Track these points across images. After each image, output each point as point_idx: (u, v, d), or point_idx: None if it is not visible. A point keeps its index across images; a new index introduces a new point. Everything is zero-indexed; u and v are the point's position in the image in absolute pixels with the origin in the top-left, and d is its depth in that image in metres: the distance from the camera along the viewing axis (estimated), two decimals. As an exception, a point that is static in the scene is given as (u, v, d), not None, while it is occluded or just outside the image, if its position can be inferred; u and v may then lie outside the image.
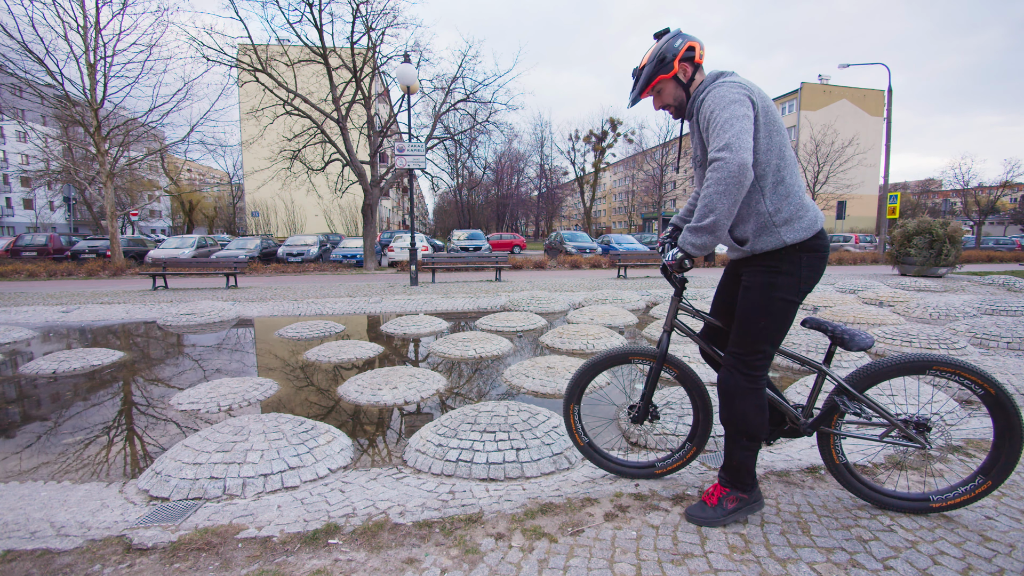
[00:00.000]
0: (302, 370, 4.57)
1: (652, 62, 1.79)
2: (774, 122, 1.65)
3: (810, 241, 1.69)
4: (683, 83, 1.80)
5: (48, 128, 27.44)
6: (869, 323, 5.96)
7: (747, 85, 1.65)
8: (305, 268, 16.62)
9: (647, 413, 2.14)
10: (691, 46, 1.75)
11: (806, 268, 1.70)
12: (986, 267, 16.88)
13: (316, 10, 14.13)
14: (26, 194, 46.26)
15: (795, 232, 1.67)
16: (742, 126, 1.55)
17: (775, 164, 1.66)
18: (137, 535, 1.84)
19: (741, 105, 1.58)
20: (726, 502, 1.83)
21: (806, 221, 1.68)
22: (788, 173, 1.68)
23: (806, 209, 1.69)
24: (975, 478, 1.80)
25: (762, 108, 1.64)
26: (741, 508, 1.82)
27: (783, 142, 1.67)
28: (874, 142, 40.39)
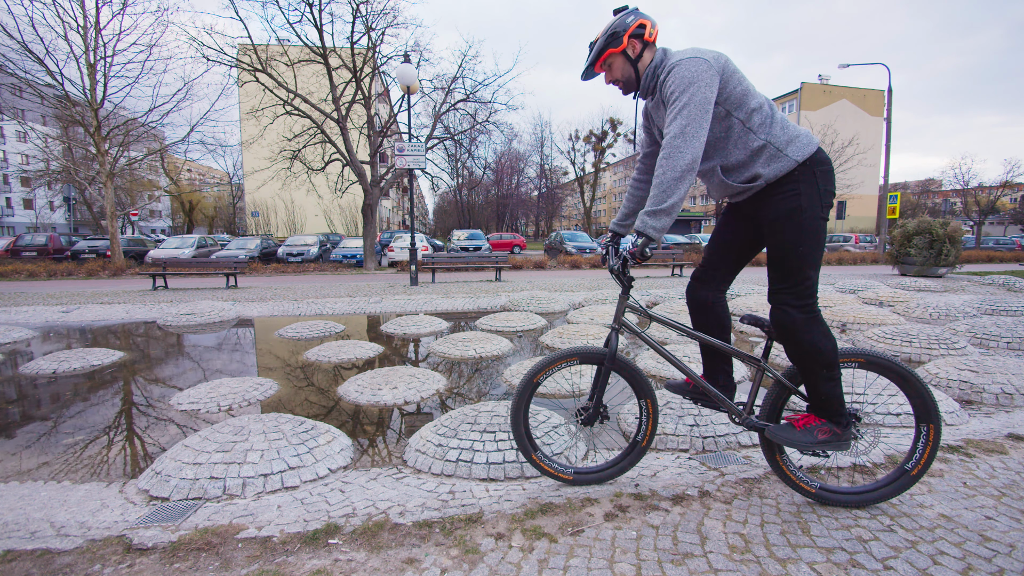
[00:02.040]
0: (302, 370, 4.57)
1: (604, 36, 1.85)
2: (742, 75, 1.76)
3: (817, 155, 1.74)
4: (631, 59, 1.85)
5: (48, 128, 27.42)
6: (869, 323, 5.96)
7: (708, 58, 1.70)
8: (305, 268, 16.62)
9: (598, 415, 2.10)
10: (642, 23, 1.80)
11: (822, 181, 1.74)
12: (986, 267, 16.87)
13: (316, 10, 14.13)
14: (26, 194, 46.25)
15: (801, 149, 1.73)
16: (700, 114, 1.65)
17: (755, 103, 1.75)
18: (137, 535, 1.84)
19: (700, 87, 1.66)
20: (818, 431, 1.78)
21: (804, 139, 1.75)
22: (769, 107, 1.77)
23: (798, 129, 1.77)
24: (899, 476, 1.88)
25: (726, 66, 1.72)
26: (832, 441, 1.77)
27: (749, 86, 1.76)
28: (874, 142, 40.38)
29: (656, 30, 1.83)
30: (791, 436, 1.80)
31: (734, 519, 1.85)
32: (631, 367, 2.07)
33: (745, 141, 1.76)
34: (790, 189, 1.74)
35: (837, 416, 1.79)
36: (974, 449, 2.43)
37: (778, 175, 1.74)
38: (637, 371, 2.08)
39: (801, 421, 1.83)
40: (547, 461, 2.14)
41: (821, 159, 1.75)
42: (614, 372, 2.06)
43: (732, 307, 7.58)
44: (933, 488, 2.06)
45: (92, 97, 14.58)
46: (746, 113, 1.74)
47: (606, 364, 2.04)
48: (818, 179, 1.73)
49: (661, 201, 1.70)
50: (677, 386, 2.14)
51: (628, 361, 2.08)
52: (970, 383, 3.49)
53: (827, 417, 1.80)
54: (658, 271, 15.53)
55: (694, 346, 4.72)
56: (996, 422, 2.92)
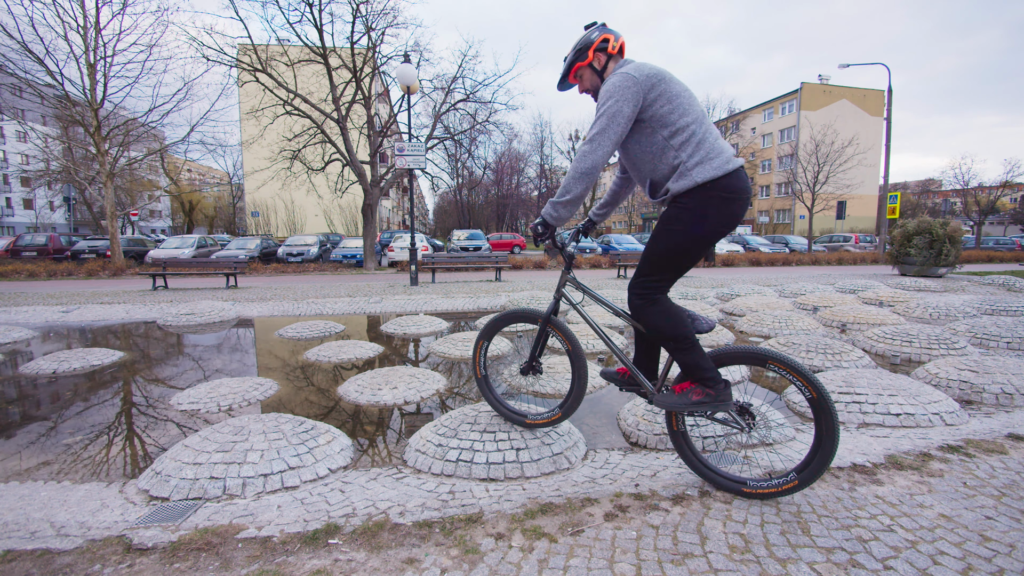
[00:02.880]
0: (302, 370, 4.57)
1: (573, 51, 2.03)
2: (675, 93, 1.83)
3: (722, 180, 1.80)
4: (598, 71, 2.02)
5: (48, 128, 27.43)
6: (869, 323, 5.96)
7: (636, 73, 1.82)
8: (305, 268, 16.62)
9: (531, 368, 2.53)
10: (605, 38, 1.97)
11: (714, 208, 1.82)
12: (986, 267, 16.87)
13: (316, 10, 14.14)
14: (26, 194, 46.25)
15: (706, 171, 1.80)
16: (609, 125, 1.80)
17: (682, 123, 1.82)
18: (137, 535, 1.84)
19: (619, 99, 1.79)
20: (691, 393, 1.95)
21: (717, 162, 1.80)
22: (697, 126, 1.83)
23: (718, 152, 1.82)
24: (788, 474, 1.92)
25: (659, 91, 1.82)
26: (706, 402, 1.92)
27: (685, 104, 1.84)
28: (874, 142, 40.39)
29: (620, 43, 1.98)
30: (670, 400, 2.01)
31: (734, 519, 1.85)
32: (567, 333, 2.40)
33: (667, 158, 1.86)
34: (681, 203, 1.85)
35: (707, 381, 1.92)
36: (974, 449, 2.43)
37: (680, 191, 1.84)
38: (573, 340, 2.38)
39: (679, 387, 2.01)
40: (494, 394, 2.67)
41: (725, 185, 1.80)
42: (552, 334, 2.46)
43: (731, 307, 7.59)
44: (933, 488, 2.06)
45: (92, 97, 14.58)
46: (670, 132, 1.83)
47: (542, 324, 2.44)
48: (711, 204, 1.81)
49: (562, 195, 1.91)
50: (610, 374, 2.32)
51: (564, 326, 2.42)
52: (970, 383, 3.49)
53: (698, 381, 1.94)
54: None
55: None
56: (996, 422, 2.93)
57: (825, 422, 1.80)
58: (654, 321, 1.96)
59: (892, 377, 3.42)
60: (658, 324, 1.95)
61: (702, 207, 1.81)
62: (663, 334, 1.95)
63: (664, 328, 1.94)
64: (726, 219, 1.83)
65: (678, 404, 1.97)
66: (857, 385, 3.28)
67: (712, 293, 9.26)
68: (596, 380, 3.88)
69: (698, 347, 1.94)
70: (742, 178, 1.84)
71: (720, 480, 2.03)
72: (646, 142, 1.88)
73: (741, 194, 1.82)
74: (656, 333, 1.98)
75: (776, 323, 6.00)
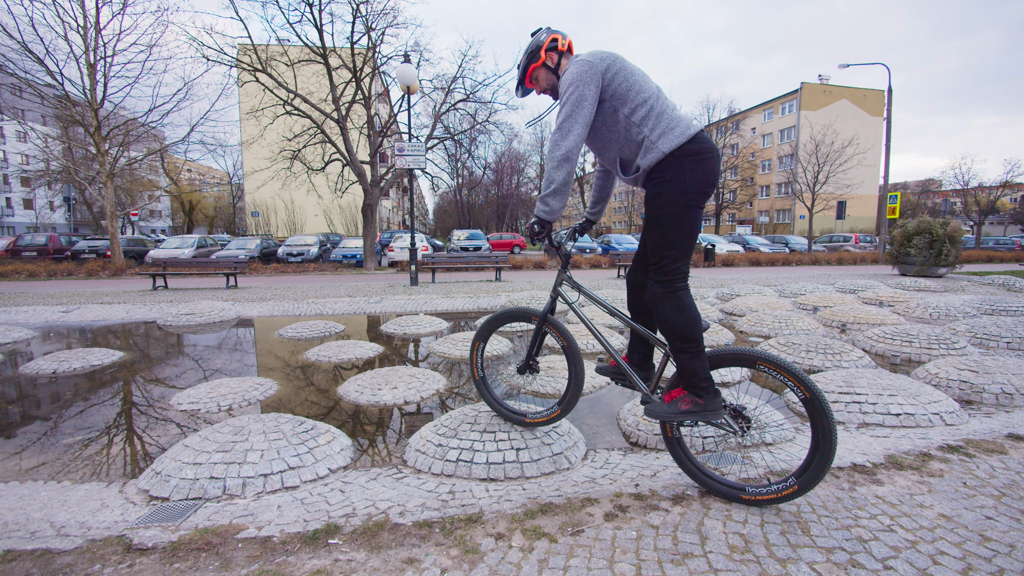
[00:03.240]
0: (302, 370, 4.57)
1: (525, 54, 2.11)
2: (630, 71, 1.91)
3: (687, 145, 1.84)
4: (552, 69, 2.09)
5: (48, 128, 27.42)
6: (869, 323, 5.96)
7: (591, 58, 1.89)
8: (305, 268, 16.62)
9: (528, 367, 2.55)
10: (554, 38, 2.06)
11: (689, 170, 1.84)
12: (986, 267, 16.87)
13: (316, 10, 14.13)
14: (26, 194, 46.24)
15: (670, 141, 1.84)
16: (575, 110, 1.85)
17: (640, 99, 1.89)
18: (137, 535, 1.84)
19: (579, 84, 1.85)
20: (680, 403, 1.93)
21: (678, 130, 1.85)
22: (655, 101, 1.89)
23: (678, 121, 1.87)
24: (788, 479, 1.86)
25: (615, 70, 1.89)
26: (695, 411, 1.90)
27: (641, 81, 1.91)
28: (874, 142, 40.39)
29: (568, 41, 2.08)
30: (659, 409, 1.97)
31: (734, 519, 1.85)
32: (563, 331, 2.40)
33: (631, 135, 1.91)
34: (657, 177, 1.89)
35: (700, 389, 1.89)
36: (974, 449, 2.43)
37: (651, 166, 1.88)
38: (569, 338, 2.38)
39: (669, 395, 1.99)
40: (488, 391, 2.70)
41: (691, 150, 1.84)
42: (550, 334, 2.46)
43: (731, 307, 7.59)
44: (933, 488, 2.06)
45: (92, 97, 14.58)
46: (630, 108, 1.88)
47: (538, 323, 2.45)
48: (684, 168, 1.84)
49: (547, 187, 1.93)
50: (604, 368, 2.34)
51: (560, 324, 2.42)
52: (970, 383, 3.49)
53: (690, 389, 1.92)
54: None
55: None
56: (996, 422, 2.93)
57: (821, 423, 1.76)
58: (670, 315, 1.89)
59: (892, 377, 3.42)
60: (675, 319, 1.88)
61: (677, 173, 1.84)
62: (676, 331, 1.88)
63: (681, 325, 1.88)
64: (703, 177, 1.86)
65: (668, 414, 1.95)
66: (857, 385, 3.28)
67: (712, 293, 9.26)
68: (596, 380, 3.88)
69: (704, 354, 1.90)
70: (706, 139, 1.88)
71: (718, 487, 1.99)
72: (610, 122, 1.94)
73: (709, 153, 1.87)
74: (669, 329, 1.90)
75: (776, 323, 6.00)
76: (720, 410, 1.90)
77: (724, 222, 48.73)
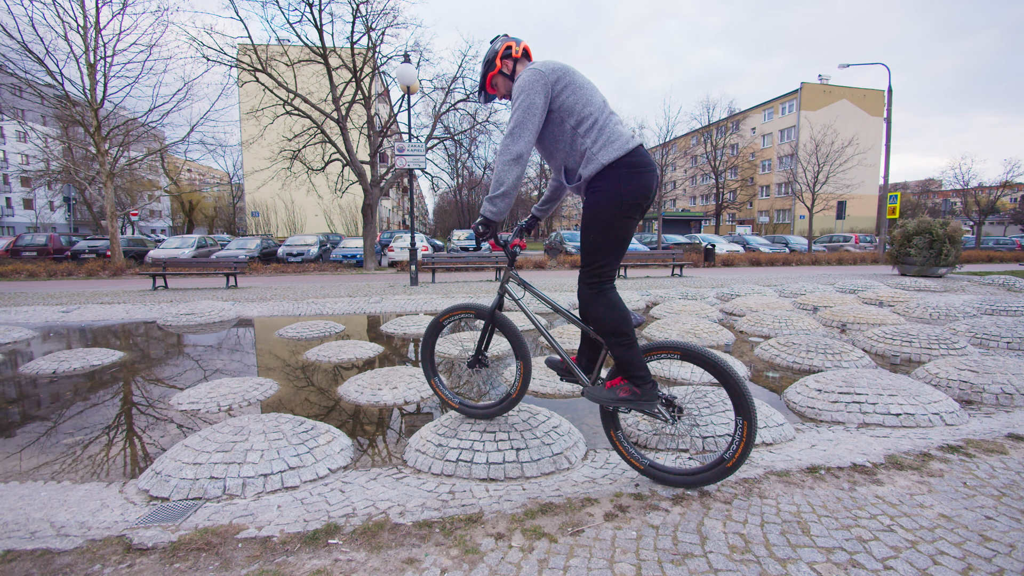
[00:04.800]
0: (302, 370, 4.57)
1: (483, 63, 2.22)
2: (579, 84, 1.99)
3: (625, 158, 1.94)
4: (509, 76, 2.18)
5: (48, 128, 27.41)
6: (869, 323, 5.96)
7: (542, 68, 1.96)
8: (305, 268, 16.62)
9: (477, 361, 2.62)
10: (508, 45, 2.15)
11: (624, 181, 1.94)
12: (986, 267, 16.87)
13: (316, 10, 14.13)
14: (26, 194, 46.22)
15: (609, 153, 1.94)
16: (525, 117, 1.93)
17: (586, 112, 1.97)
18: (137, 535, 1.84)
19: (529, 92, 1.93)
20: (619, 390, 2.05)
21: (618, 143, 1.94)
22: (599, 114, 1.98)
23: (619, 135, 1.96)
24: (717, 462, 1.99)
25: (564, 82, 1.97)
26: (631, 400, 2.02)
27: (588, 95, 1.99)
28: (874, 142, 40.37)
29: (523, 47, 2.17)
30: (599, 394, 2.10)
31: (734, 519, 1.85)
32: (510, 328, 2.46)
33: (575, 146, 2.00)
34: (595, 187, 1.98)
35: (637, 379, 2.01)
36: (974, 449, 2.43)
37: (591, 175, 1.97)
38: (516, 334, 2.45)
39: (609, 383, 2.11)
40: (442, 388, 2.75)
41: (629, 162, 1.94)
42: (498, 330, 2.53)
43: (731, 307, 7.59)
44: (933, 488, 2.06)
45: (92, 97, 14.58)
46: (576, 121, 1.98)
47: (487, 319, 2.52)
48: (621, 179, 1.94)
49: (496, 189, 2.00)
50: (552, 362, 2.41)
51: (507, 321, 2.47)
52: (970, 383, 3.49)
53: (629, 379, 2.03)
54: (658, 271, 15.53)
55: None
56: (996, 422, 2.92)
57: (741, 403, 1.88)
58: (600, 313, 2.03)
59: (892, 377, 3.42)
60: (605, 316, 2.02)
61: (614, 184, 1.94)
62: (608, 327, 2.02)
63: (610, 321, 2.01)
64: (638, 189, 1.95)
65: (605, 399, 2.07)
66: (857, 385, 3.28)
67: (712, 293, 9.26)
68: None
69: (637, 345, 2.02)
70: (643, 154, 1.98)
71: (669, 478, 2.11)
72: (558, 132, 2.02)
73: (645, 167, 1.96)
74: (600, 325, 2.04)
75: (776, 323, 6.00)
76: (655, 400, 2.02)
77: (724, 222, 48.71)
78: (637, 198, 1.96)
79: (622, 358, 2.01)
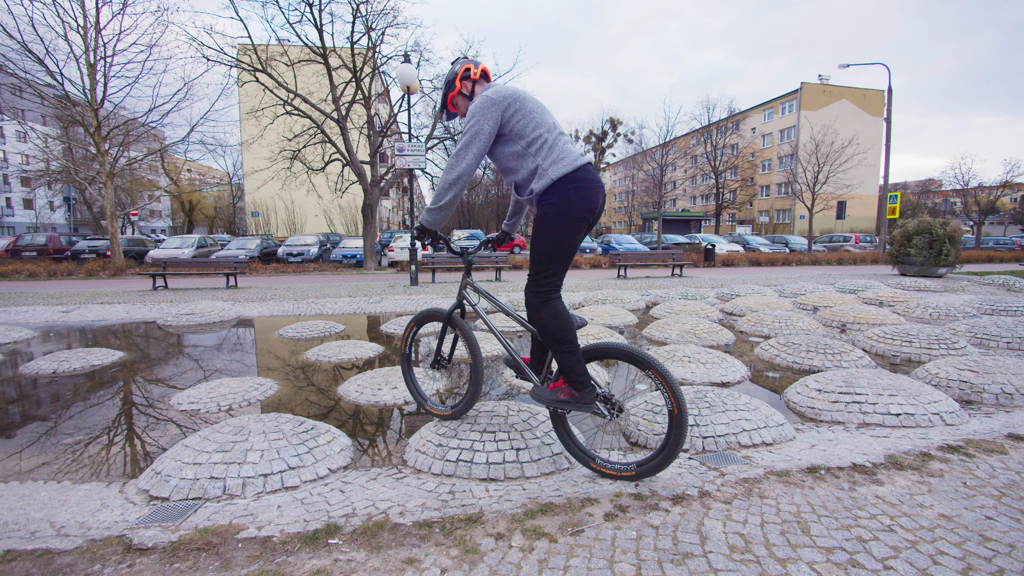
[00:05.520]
0: (302, 370, 4.57)
1: (444, 84, 2.39)
2: (528, 110, 2.14)
3: (573, 174, 2.08)
4: (467, 95, 2.35)
5: (48, 128, 27.42)
6: (869, 323, 5.96)
7: (494, 96, 2.11)
8: (305, 268, 16.62)
9: (437, 363, 2.83)
10: (467, 68, 2.32)
11: (572, 194, 2.08)
12: (986, 267, 16.87)
13: (316, 10, 14.14)
14: (26, 194, 46.22)
15: (559, 169, 2.08)
16: (472, 140, 2.08)
17: (536, 134, 2.13)
18: (137, 535, 1.84)
19: (480, 118, 2.08)
20: (560, 392, 2.21)
21: (567, 161, 2.09)
22: (548, 135, 2.14)
23: (567, 153, 2.11)
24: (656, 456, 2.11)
25: (514, 108, 2.11)
26: (571, 402, 2.18)
27: (539, 119, 2.15)
28: (874, 142, 40.37)
29: (480, 68, 2.32)
30: (542, 394, 2.25)
31: (734, 519, 1.85)
32: (465, 331, 2.61)
33: (527, 164, 2.15)
34: (545, 200, 2.11)
35: (576, 384, 2.16)
36: (974, 449, 2.43)
37: (542, 190, 2.11)
38: (469, 337, 2.59)
39: (554, 384, 2.28)
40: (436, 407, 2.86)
41: (576, 177, 2.08)
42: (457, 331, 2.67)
43: (731, 307, 7.59)
44: (933, 488, 2.06)
45: (92, 97, 14.58)
46: (528, 141, 2.13)
47: (443, 322, 2.70)
48: (568, 193, 2.08)
49: (435, 202, 2.16)
50: (508, 361, 2.55)
51: (463, 324, 2.62)
52: (970, 383, 3.49)
53: (569, 383, 2.18)
54: (658, 271, 15.53)
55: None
56: (996, 422, 2.93)
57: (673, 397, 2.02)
58: (545, 321, 2.17)
59: (892, 377, 3.42)
60: (549, 324, 2.16)
61: (562, 198, 2.08)
62: (551, 335, 2.16)
63: (554, 329, 2.15)
64: (585, 203, 2.10)
65: (547, 399, 2.23)
66: (857, 385, 3.28)
67: (712, 293, 9.26)
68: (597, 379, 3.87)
69: (578, 353, 2.16)
70: (590, 171, 2.12)
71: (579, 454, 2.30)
72: (510, 151, 2.17)
73: (592, 183, 2.11)
74: (545, 333, 2.18)
75: (776, 323, 6.00)
76: (592, 403, 2.18)
77: (724, 222, 48.69)
78: (584, 211, 2.10)
79: (564, 364, 2.15)
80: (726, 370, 4.11)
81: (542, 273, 2.17)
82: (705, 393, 3.06)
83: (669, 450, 2.05)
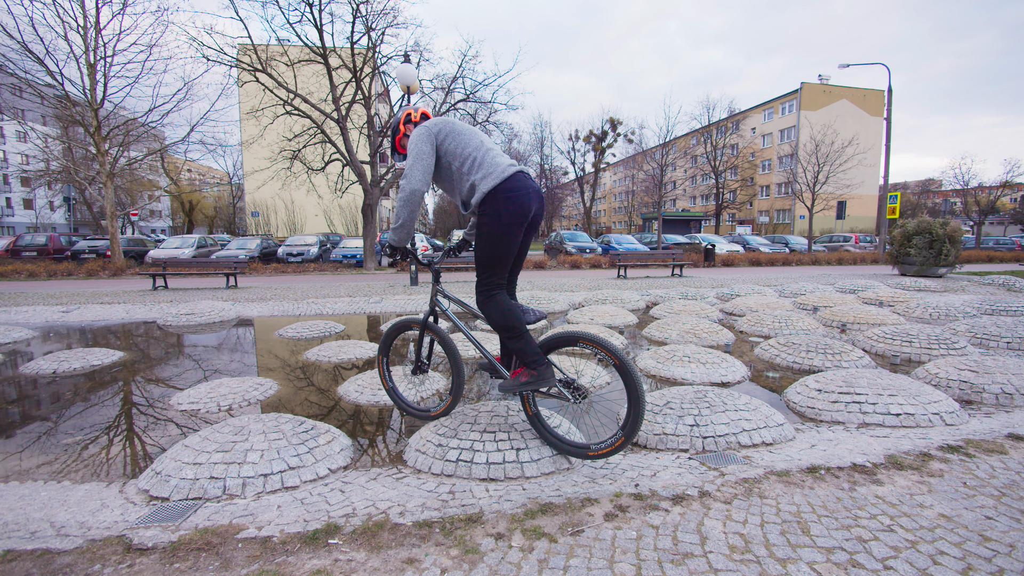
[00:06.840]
0: (302, 370, 4.57)
1: (390, 130, 2.73)
2: (458, 132, 2.40)
3: (502, 185, 2.28)
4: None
5: (48, 128, 27.40)
6: (869, 323, 5.96)
7: (429, 126, 2.39)
8: (305, 268, 16.61)
9: (418, 368, 3.03)
10: (408, 113, 2.64)
11: (503, 203, 2.29)
12: (986, 267, 16.87)
13: (316, 10, 14.13)
14: (26, 194, 46.21)
15: (489, 183, 2.28)
16: (415, 162, 2.32)
17: (466, 153, 2.36)
18: (137, 535, 1.84)
19: (418, 143, 2.34)
20: (520, 377, 2.38)
21: (495, 173, 2.29)
22: (478, 153, 2.36)
23: (495, 167, 2.31)
24: (616, 433, 2.25)
25: (445, 132, 2.39)
26: (531, 382, 2.34)
27: (467, 138, 2.39)
28: (874, 142, 40.35)
29: (420, 111, 2.63)
30: (507, 384, 2.43)
31: (734, 519, 1.85)
32: (442, 336, 2.79)
33: (463, 182, 2.38)
34: (482, 211, 2.34)
35: (532, 363, 2.34)
36: (974, 449, 2.43)
37: (478, 202, 2.32)
38: (447, 341, 2.76)
39: (514, 373, 2.46)
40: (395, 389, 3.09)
41: (505, 187, 2.28)
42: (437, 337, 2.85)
43: (731, 307, 7.60)
44: (933, 488, 2.06)
45: (92, 97, 14.57)
46: (460, 161, 2.37)
47: (420, 329, 2.89)
48: (499, 204, 2.29)
49: (395, 222, 2.41)
50: (483, 365, 2.74)
51: (439, 330, 2.82)
52: (970, 383, 3.49)
53: (526, 365, 2.37)
54: (658, 271, 15.53)
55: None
56: (996, 422, 2.93)
57: (630, 383, 2.15)
58: (492, 314, 2.41)
59: (892, 377, 3.42)
60: (494, 316, 2.40)
61: (495, 208, 2.29)
62: (498, 324, 2.40)
63: (499, 319, 2.39)
64: (517, 211, 2.30)
65: (512, 386, 2.39)
66: (857, 385, 3.28)
67: (712, 293, 9.26)
68: (597, 380, 3.87)
69: (526, 336, 2.37)
70: (519, 179, 2.31)
71: (570, 449, 2.40)
72: (447, 172, 2.42)
73: (521, 191, 2.30)
74: (493, 324, 2.41)
75: (776, 323, 6.00)
76: (551, 379, 2.35)
77: (724, 222, 48.70)
78: (516, 217, 2.30)
79: (515, 348, 2.37)
80: (726, 370, 4.11)
81: (484, 275, 2.41)
82: (705, 393, 3.06)
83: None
